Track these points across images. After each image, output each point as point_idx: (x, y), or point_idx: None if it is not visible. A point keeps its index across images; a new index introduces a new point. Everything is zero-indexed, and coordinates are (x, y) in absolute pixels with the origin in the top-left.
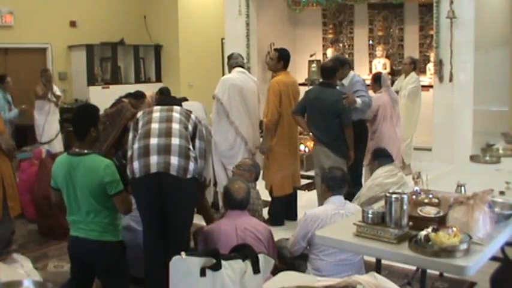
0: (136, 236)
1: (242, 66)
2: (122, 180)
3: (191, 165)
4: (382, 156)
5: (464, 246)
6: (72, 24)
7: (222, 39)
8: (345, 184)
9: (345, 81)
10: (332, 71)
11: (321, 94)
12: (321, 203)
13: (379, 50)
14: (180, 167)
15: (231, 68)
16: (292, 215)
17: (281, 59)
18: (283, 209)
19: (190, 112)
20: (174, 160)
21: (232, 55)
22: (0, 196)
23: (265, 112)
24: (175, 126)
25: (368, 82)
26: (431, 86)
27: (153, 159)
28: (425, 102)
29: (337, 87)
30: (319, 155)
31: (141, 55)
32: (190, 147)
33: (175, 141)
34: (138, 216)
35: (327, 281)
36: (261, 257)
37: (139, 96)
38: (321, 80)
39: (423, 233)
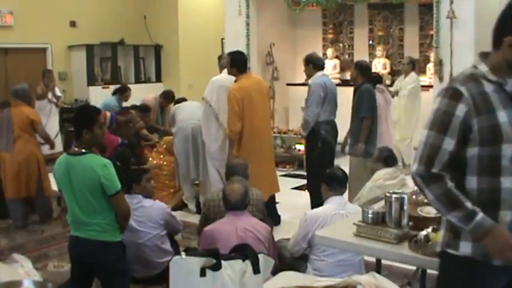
0: (136, 236)
1: None
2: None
3: None
4: (389, 158)
5: None
6: (72, 24)
7: (222, 39)
8: (346, 184)
9: (311, 82)
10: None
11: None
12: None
13: (379, 50)
14: None
15: (221, 68)
16: (275, 223)
17: (233, 64)
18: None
19: None
20: None
21: (222, 55)
22: (36, 177)
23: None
24: None
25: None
26: (431, 86)
27: None
28: (425, 102)
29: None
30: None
31: (141, 55)
32: None
33: None
34: (140, 216)
35: (327, 281)
36: (261, 257)
37: (144, 109)
38: (365, 79)
39: (423, 233)
